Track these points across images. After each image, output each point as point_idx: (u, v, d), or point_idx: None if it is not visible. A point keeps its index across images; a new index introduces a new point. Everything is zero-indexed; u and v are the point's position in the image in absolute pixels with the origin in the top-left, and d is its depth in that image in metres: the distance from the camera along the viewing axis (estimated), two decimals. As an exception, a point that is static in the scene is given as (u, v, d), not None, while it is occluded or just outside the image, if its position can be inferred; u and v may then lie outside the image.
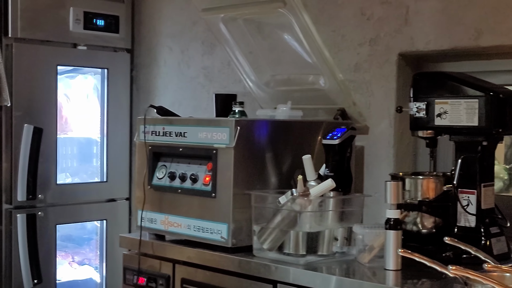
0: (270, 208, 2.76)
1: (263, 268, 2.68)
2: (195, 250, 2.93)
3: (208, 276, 2.88)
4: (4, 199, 3.83)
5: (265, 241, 2.73)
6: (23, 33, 3.82)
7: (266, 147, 2.92)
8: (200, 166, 2.96)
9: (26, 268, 3.85)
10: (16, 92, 3.79)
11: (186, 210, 2.99)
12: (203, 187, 2.91)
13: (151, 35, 4.32)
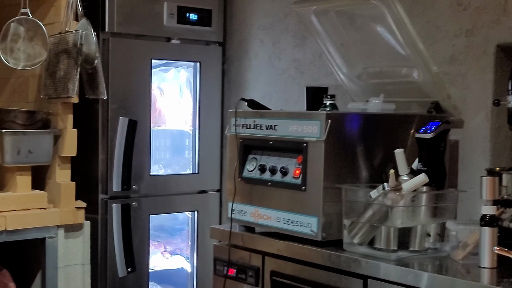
0: (361, 202, 2.73)
1: (353, 262, 2.65)
2: (285, 242, 2.93)
3: (297, 269, 2.88)
4: (100, 190, 3.94)
5: (356, 236, 2.70)
6: (119, 27, 3.92)
7: (357, 140, 2.89)
8: (290, 159, 2.96)
9: (121, 257, 3.96)
10: (112, 85, 3.89)
11: (276, 203, 2.99)
12: (293, 180, 2.91)
13: (243, 28, 4.35)
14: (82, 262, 3.90)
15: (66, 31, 3.69)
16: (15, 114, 3.70)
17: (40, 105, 3.91)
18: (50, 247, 3.76)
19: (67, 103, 3.78)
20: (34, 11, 3.74)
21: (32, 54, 3.68)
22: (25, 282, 3.91)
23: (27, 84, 4.05)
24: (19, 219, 3.62)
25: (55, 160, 3.80)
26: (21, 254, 3.97)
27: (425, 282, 2.43)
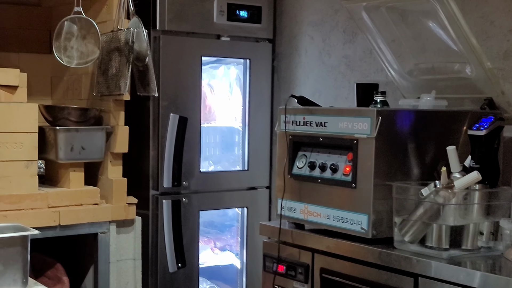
0: (412, 200, 2.70)
1: (404, 260, 2.63)
2: (335, 240, 2.92)
3: (347, 266, 2.87)
4: (151, 186, 3.99)
5: (407, 234, 2.68)
6: (170, 25, 3.96)
7: (409, 137, 2.86)
8: (340, 156, 2.95)
9: (171, 252, 4.00)
10: (163, 82, 3.94)
11: (325, 200, 2.98)
12: (343, 177, 2.90)
13: (293, 25, 4.34)
14: (134, 257, 3.95)
15: (118, 29, 3.74)
16: (69, 111, 3.77)
17: (93, 103, 3.98)
18: (102, 242, 3.82)
19: (119, 100, 3.83)
20: (87, 9, 3.81)
21: (85, 52, 3.74)
22: (78, 276, 3.98)
23: (80, 82, 4.13)
24: (72, 215, 3.69)
25: (107, 157, 3.86)
26: (74, 249, 4.05)
27: (478, 281, 2.39)
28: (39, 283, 2.26)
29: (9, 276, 2.10)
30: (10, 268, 2.10)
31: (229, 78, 4.48)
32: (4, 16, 4.27)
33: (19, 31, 4.33)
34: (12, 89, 3.62)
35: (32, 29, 4.38)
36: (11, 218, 3.46)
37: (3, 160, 3.50)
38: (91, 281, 3.91)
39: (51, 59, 4.05)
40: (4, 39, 4.27)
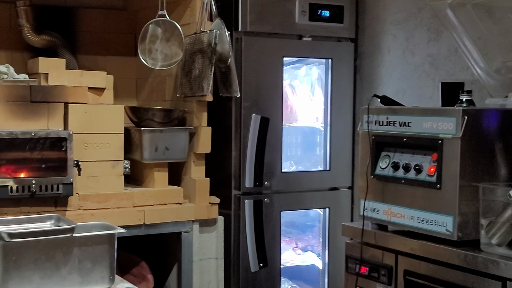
0: (499, 201, 2.62)
1: (491, 264, 2.55)
2: (419, 242, 2.87)
3: (431, 269, 2.81)
4: (233, 186, 4.01)
5: (494, 236, 2.60)
6: (252, 26, 3.98)
7: (496, 137, 2.78)
8: (425, 156, 2.89)
9: (253, 252, 4.02)
10: (244, 83, 3.96)
11: (409, 201, 2.94)
12: (427, 178, 2.84)
13: (375, 23, 4.29)
14: (216, 256, 3.99)
15: (201, 31, 3.79)
16: (153, 112, 3.85)
17: (176, 104, 4.04)
18: (185, 241, 3.88)
19: (202, 101, 3.88)
20: (170, 12, 3.87)
21: (169, 54, 3.80)
22: (162, 274, 4.05)
23: (164, 84, 4.20)
24: (157, 214, 3.76)
25: (191, 157, 3.92)
26: (159, 248, 4.12)
27: None
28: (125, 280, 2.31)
29: (97, 273, 2.16)
30: (98, 265, 2.16)
31: (310, 78, 4.47)
32: (91, 21, 4.40)
33: (105, 35, 4.45)
34: (99, 91, 3.73)
35: (118, 32, 4.49)
36: (98, 216, 3.56)
37: (91, 160, 3.61)
38: (174, 279, 3.97)
39: (136, 62, 4.14)
40: (92, 43, 4.40)
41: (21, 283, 2.04)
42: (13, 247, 2.03)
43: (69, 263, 2.11)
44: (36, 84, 3.57)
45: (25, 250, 2.05)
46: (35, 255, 2.06)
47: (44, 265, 2.08)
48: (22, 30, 4.00)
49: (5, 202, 3.38)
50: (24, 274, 2.04)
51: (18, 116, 3.42)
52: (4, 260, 2.02)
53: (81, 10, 4.37)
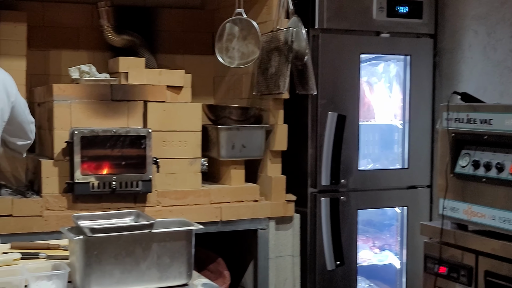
0: None
1: None
2: (500, 242, 2.79)
3: (514, 270, 2.73)
4: (310, 183, 4.00)
5: None
6: (329, 23, 3.95)
7: None
8: (507, 155, 2.81)
9: (329, 250, 4.00)
10: (321, 81, 3.94)
11: (490, 200, 2.86)
12: (509, 177, 2.76)
13: (455, 19, 4.19)
14: (292, 253, 3.99)
15: (278, 29, 3.79)
16: (230, 110, 3.88)
17: (253, 102, 4.06)
18: (262, 238, 3.89)
19: (278, 99, 3.88)
20: (247, 11, 3.89)
21: (246, 52, 3.82)
22: (238, 271, 4.08)
23: (241, 82, 4.23)
24: (233, 211, 3.79)
25: (267, 155, 3.93)
26: (235, 244, 4.15)
27: None
28: (202, 276, 2.34)
29: (175, 268, 2.19)
30: (176, 261, 2.19)
31: (388, 75, 4.41)
32: (170, 20, 4.47)
33: (184, 34, 4.51)
34: (178, 90, 3.78)
35: (196, 32, 4.54)
36: (176, 213, 3.61)
37: (169, 158, 3.66)
38: (251, 276, 4.00)
39: (214, 60, 4.18)
40: (170, 42, 4.47)
41: (102, 277, 2.09)
42: (95, 242, 2.08)
43: (148, 259, 2.15)
44: (116, 83, 3.65)
45: (106, 245, 2.10)
46: (115, 250, 2.11)
47: (124, 260, 2.12)
48: (104, 31, 4.10)
49: (87, 198, 3.47)
50: (105, 268, 2.09)
51: (100, 114, 3.51)
52: (86, 254, 2.07)
53: (160, 10, 4.45)
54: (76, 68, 3.68)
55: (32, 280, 2.05)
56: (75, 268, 2.10)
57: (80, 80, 3.60)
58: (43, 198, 3.43)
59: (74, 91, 3.48)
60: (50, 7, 4.19)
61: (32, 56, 4.02)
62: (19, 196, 3.44)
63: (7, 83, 2.87)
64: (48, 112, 3.56)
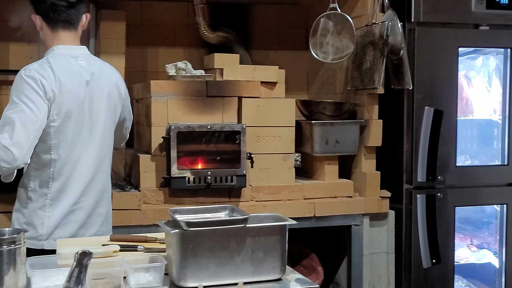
0: None
1: None
2: None
3: None
4: (405, 179, 3.94)
5: None
6: (425, 16, 3.87)
7: None
8: None
9: (425, 248, 3.92)
10: (417, 75, 3.86)
11: None
12: None
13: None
14: (387, 251, 3.94)
15: (373, 23, 3.75)
16: (324, 105, 3.86)
17: (347, 97, 4.04)
18: (355, 235, 3.87)
19: (373, 94, 3.84)
20: (342, 5, 3.87)
21: (340, 47, 3.79)
22: (331, 267, 4.07)
23: (335, 77, 4.20)
24: (327, 206, 3.78)
25: (361, 150, 3.89)
26: (328, 240, 4.14)
27: None
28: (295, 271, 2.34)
29: (268, 263, 2.20)
30: (269, 256, 2.20)
31: (488, 69, 4.28)
32: (264, 16, 4.49)
33: (278, 29, 4.53)
34: (272, 85, 3.80)
35: (290, 27, 4.55)
36: (270, 208, 3.64)
37: (263, 153, 3.69)
38: (344, 272, 3.98)
39: (308, 55, 4.18)
40: (265, 38, 4.50)
41: (198, 270, 2.13)
42: (190, 236, 2.12)
43: (242, 253, 2.17)
44: (211, 80, 3.70)
45: (201, 238, 2.13)
46: (210, 243, 2.14)
47: (219, 254, 2.15)
48: (199, 28, 4.16)
49: (183, 192, 3.54)
50: (200, 262, 2.13)
51: (195, 110, 3.57)
52: (182, 247, 2.11)
53: (254, 6, 4.48)
54: (173, 65, 3.76)
55: (131, 272, 2.11)
56: (172, 261, 2.15)
57: (176, 76, 3.67)
58: (141, 192, 3.52)
59: (171, 88, 3.56)
60: (148, 6, 4.30)
61: (130, 53, 4.13)
62: (118, 190, 3.55)
63: (118, 81, 2.99)
64: (145, 108, 3.65)
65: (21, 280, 2.02)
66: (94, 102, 2.82)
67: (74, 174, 2.78)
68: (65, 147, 2.75)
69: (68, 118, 2.73)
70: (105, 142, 2.89)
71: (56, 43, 2.82)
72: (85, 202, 2.82)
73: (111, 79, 2.94)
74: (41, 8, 2.81)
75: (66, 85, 2.72)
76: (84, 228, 2.83)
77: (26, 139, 2.60)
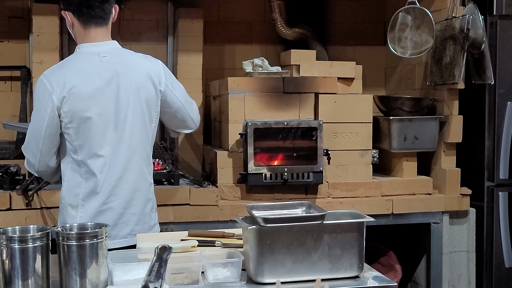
0: None
1: None
2: None
3: None
4: (486, 177, 3.84)
5: None
6: (508, 9, 3.76)
7: None
8: None
9: (508, 247, 3.82)
10: (499, 69, 3.76)
11: None
12: None
13: None
14: (467, 249, 3.86)
15: (453, 17, 3.67)
16: (402, 101, 3.81)
17: (426, 92, 3.97)
18: (435, 233, 3.80)
19: (453, 89, 3.76)
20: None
21: (419, 42, 3.73)
22: (410, 265, 4.01)
23: (413, 72, 4.14)
24: (405, 204, 3.72)
25: (440, 146, 3.82)
26: (406, 238, 4.08)
27: None
28: (373, 269, 2.32)
29: (346, 260, 2.19)
30: (347, 253, 2.19)
31: None
32: (341, 12, 4.47)
33: (355, 25, 4.49)
34: (349, 81, 3.77)
35: (367, 22, 4.51)
36: (347, 204, 3.61)
37: (340, 150, 3.67)
38: (423, 271, 3.91)
39: (385, 51, 4.13)
40: (342, 34, 4.47)
41: (275, 266, 2.13)
42: (267, 232, 2.13)
43: (319, 249, 2.16)
44: (288, 76, 3.70)
45: (278, 235, 2.14)
46: (287, 240, 2.14)
47: (296, 250, 2.15)
48: (276, 24, 4.17)
49: (260, 188, 3.56)
50: (277, 258, 2.13)
51: (272, 106, 3.58)
52: (259, 243, 2.12)
53: (331, 1, 4.45)
54: (250, 61, 3.78)
55: (209, 267, 2.13)
56: (249, 256, 2.16)
57: (253, 73, 3.69)
58: (218, 188, 3.55)
59: (248, 84, 3.58)
60: (225, 3, 4.33)
61: (208, 51, 4.18)
62: (196, 186, 3.59)
63: (151, 72, 2.78)
64: (223, 105, 3.69)
65: (103, 273, 2.07)
66: (119, 99, 2.70)
67: (102, 173, 2.71)
68: (90, 147, 2.69)
69: (87, 119, 2.66)
70: (134, 139, 2.75)
71: (85, 41, 2.73)
72: (115, 202, 2.74)
73: (141, 72, 2.76)
74: (73, 3, 2.70)
75: (79, 87, 2.64)
76: (117, 229, 2.75)
77: (36, 147, 2.72)
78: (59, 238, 2.05)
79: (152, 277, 1.86)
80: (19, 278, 1.99)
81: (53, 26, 3.80)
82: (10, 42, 4.06)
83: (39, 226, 2.11)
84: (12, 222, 3.28)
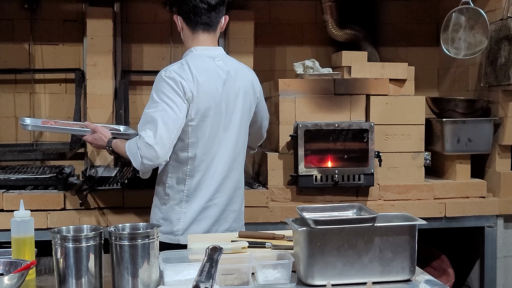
0: None
1: None
2: None
3: None
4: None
5: None
6: None
7: None
8: None
9: None
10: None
11: None
12: None
13: None
14: (523, 254, 3.79)
15: (508, 17, 3.60)
16: (455, 103, 3.75)
17: (480, 94, 3.90)
18: (489, 237, 3.73)
19: (508, 91, 3.69)
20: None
21: (473, 42, 3.67)
22: (463, 269, 3.95)
23: (467, 73, 4.07)
24: (458, 207, 3.67)
25: (495, 149, 3.75)
26: (459, 242, 4.02)
27: None
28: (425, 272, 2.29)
29: (397, 263, 2.16)
30: (398, 256, 2.16)
31: None
32: (393, 12, 4.43)
33: (407, 25, 4.45)
34: (400, 83, 3.74)
35: (419, 23, 4.46)
36: (398, 207, 3.58)
37: (392, 152, 3.63)
38: (476, 275, 3.85)
39: (438, 52, 4.08)
40: (394, 35, 4.43)
41: (325, 268, 2.12)
42: (318, 234, 2.12)
43: (370, 252, 2.14)
44: (339, 77, 3.69)
45: (329, 237, 2.12)
46: (338, 242, 2.13)
47: (346, 253, 2.13)
48: (327, 26, 4.16)
49: (311, 190, 3.55)
50: (327, 260, 2.12)
51: (323, 108, 3.56)
52: (309, 245, 2.11)
53: (383, 2, 4.42)
54: (301, 63, 3.77)
55: (259, 268, 2.14)
56: (299, 258, 2.16)
57: (304, 75, 3.68)
58: (269, 189, 3.56)
59: (298, 86, 3.57)
60: (276, 5, 4.34)
61: (258, 52, 4.19)
62: (246, 187, 3.60)
63: (253, 80, 3.00)
64: (273, 107, 3.69)
65: (154, 273, 2.09)
66: (230, 101, 2.85)
67: (209, 171, 2.83)
68: (202, 145, 2.80)
69: (205, 117, 2.78)
70: (240, 140, 2.92)
71: (194, 45, 2.87)
72: (219, 199, 2.87)
73: (247, 78, 2.95)
74: (183, 9, 2.86)
75: (203, 85, 2.76)
76: (217, 224, 2.87)
77: (168, 138, 2.68)
78: (112, 238, 2.08)
79: (203, 277, 1.87)
80: (73, 277, 2.03)
81: (107, 29, 3.86)
82: (65, 45, 4.14)
83: (92, 226, 2.15)
84: (66, 222, 3.34)
